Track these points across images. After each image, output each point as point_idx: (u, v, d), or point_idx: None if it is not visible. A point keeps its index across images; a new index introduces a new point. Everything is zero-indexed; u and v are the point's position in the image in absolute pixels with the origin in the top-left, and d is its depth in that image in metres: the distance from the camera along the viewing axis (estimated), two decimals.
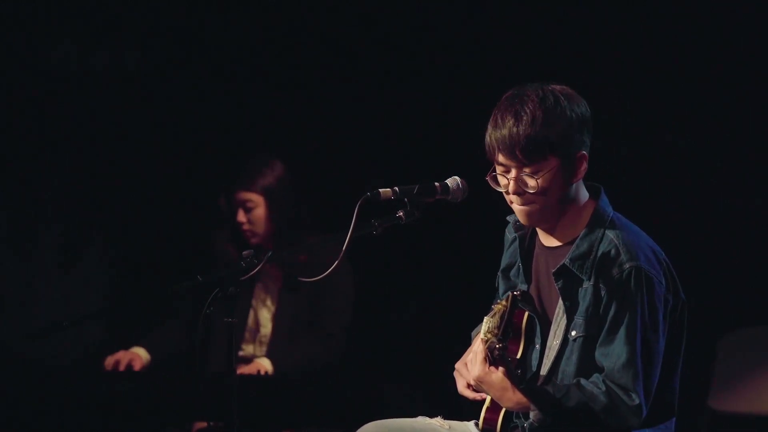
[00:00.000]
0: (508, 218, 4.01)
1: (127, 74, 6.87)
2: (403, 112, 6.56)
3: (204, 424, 5.75)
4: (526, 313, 3.84)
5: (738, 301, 5.94)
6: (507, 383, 3.69)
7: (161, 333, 6.03)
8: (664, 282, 3.77)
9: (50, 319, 6.53)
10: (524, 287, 3.89)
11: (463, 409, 4.01)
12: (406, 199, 3.82)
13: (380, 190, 3.78)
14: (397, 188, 3.81)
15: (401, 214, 3.81)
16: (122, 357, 5.89)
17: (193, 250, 6.49)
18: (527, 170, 3.75)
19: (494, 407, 3.84)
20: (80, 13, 6.86)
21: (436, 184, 3.87)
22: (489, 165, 3.87)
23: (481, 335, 3.68)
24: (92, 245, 6.79)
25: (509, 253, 3.99)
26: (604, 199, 3.87)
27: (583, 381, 3.72)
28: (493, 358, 3.68)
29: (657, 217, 3.97)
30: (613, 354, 3.70)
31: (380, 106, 6.62)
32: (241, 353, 5.97)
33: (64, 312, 6.56)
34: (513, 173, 3.77)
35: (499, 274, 4.01)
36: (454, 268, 6.44)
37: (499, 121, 3.75)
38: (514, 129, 3.71)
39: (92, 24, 6.89)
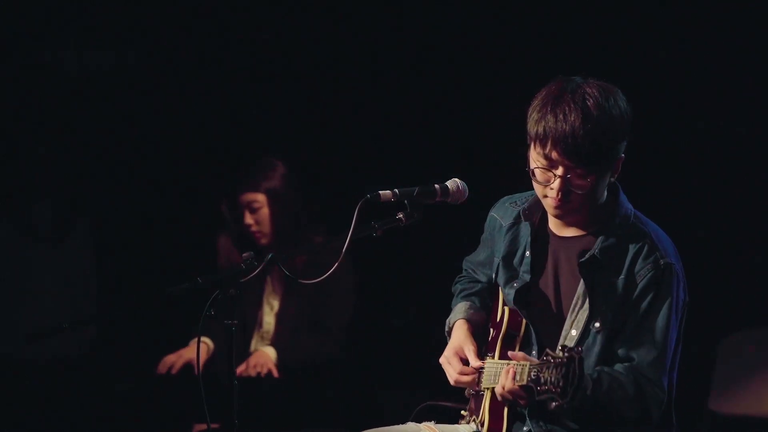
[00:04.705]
0: (507, 203, 3.98)
1: (129, 76, 6.90)
2: (404, 113, 6.56)
3: (204, 426, 5.76)
4: (524, 321, 3.84)
5: (738, 303, 5.94)
6: None
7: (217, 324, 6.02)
8: (684, 281, 3.80)
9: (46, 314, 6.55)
10: (527, 278, 3.87)
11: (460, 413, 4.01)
12: (406, 201, 3.80)
13: (380, 192, 3.77)
14: (397, 190, 3.79)
15: (401, 216, 3.80)
16: (177, 360, 5.88)
17: (195, 253, 6.49)
18: (579, 171, 3.69)
19: (495, 416, 3.82)
20: (85, 15, 6.88)
21: (436, 186, 3.86)
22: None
23: (527, 381, 3.54)
24: (88, 246, 6.80)
25: (508, 240, 3.95)
26: (624, 196, 3.87)
27: (607, 369, 3.71)
28: (549, 411, 3.57)
29: (658, 217, 3.95)
30: (644, 347, 3.71)
31: (380, 107, 6.62)
32: (251, 350, 6.00)
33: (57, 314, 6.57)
34: (561, 171, 3.69)
35: (500, 262, 3.96)
36: (454, 270, 6.43)
37: (560, 114, 3.64)
38: (581, 130, 3.62)
39: (96, 26, 6.91)
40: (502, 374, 3.68)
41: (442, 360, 3.92)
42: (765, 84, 5.93)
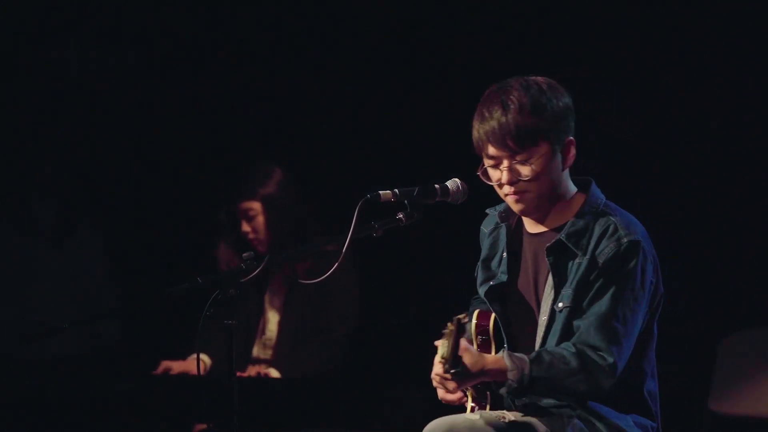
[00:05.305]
0: (488, 210, 4.02)
1: (126, 80, 6.90)
2: (403, 114, 6.56)
3: (204, 426, 5.76)
4: (493, 316, 3.86)
5: (738, 303, 5.94)
6: (475, 356, 3.70)
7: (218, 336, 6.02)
8: (653, 263, 3.81)
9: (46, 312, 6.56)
10: (504, 278, 3.89)
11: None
12: (406, 201, 3.82)
13: (380, 192, 3.78)
14: (397, 190, 3.82)
15: (401, 216, 3.82)
16: (176, 367, 5.88)
17: (194, 255, 6.49)
18: (519, 158, 3.77)
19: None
20: (85, 15, 6.88)
21: (436, 186, 3.88)
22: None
23: (438, 357, 3.66)
24: (90, 246, 6.80)
25: (488, 244, 3.99)
26: (596, 188, 3.90)
27: (550, 348, 3.75)
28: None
29: (658, 217, 3.95)
30: (592, 314, 3.73)
31: (380, 107, 6.61)
32: (254, 356, 6.00)
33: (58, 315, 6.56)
34: (505, 163, 3.79)
35: (479, 264, 4.00)
36: (454, 270, 6.42)
37: (486, 113, 3.79)
38: (503, 119, 3.75)
39: (96, 26, 6.91)
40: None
41: (432, 377, 3.93)
42: (765, 84, 5.93)
